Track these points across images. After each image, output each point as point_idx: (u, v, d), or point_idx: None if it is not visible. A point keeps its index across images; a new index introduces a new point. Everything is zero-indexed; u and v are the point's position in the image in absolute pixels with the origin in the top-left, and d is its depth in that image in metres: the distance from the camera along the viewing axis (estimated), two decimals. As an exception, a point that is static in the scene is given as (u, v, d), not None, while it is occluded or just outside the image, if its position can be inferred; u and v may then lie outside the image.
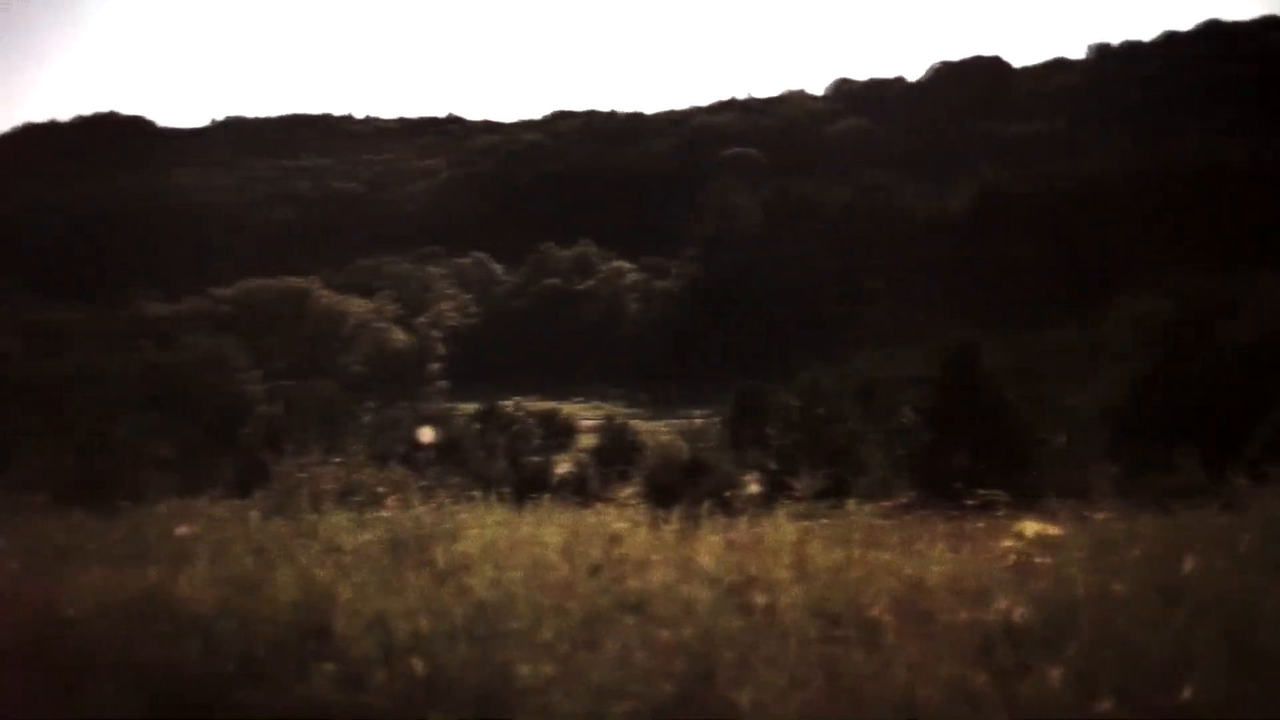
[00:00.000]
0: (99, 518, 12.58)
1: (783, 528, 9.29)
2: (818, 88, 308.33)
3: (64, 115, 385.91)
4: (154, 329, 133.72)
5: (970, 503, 11.45)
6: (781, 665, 6.32)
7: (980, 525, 11.08)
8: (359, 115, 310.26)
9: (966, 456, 52.32)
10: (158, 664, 6.98)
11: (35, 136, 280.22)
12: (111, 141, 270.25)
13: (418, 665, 6.58)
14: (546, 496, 11.80)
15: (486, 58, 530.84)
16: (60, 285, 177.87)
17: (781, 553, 8.39)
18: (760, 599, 7.35)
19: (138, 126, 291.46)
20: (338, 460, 17.92)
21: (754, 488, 53.56)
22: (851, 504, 9.92)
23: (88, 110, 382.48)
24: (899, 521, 12.49)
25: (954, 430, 57.46)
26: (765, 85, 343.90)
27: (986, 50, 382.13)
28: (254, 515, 11.96)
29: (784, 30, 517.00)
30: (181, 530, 10.12)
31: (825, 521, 9.71)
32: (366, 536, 9.93)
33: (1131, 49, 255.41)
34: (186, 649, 7.07)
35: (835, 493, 10.86)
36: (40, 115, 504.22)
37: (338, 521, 10.83)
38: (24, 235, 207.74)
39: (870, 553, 8.62)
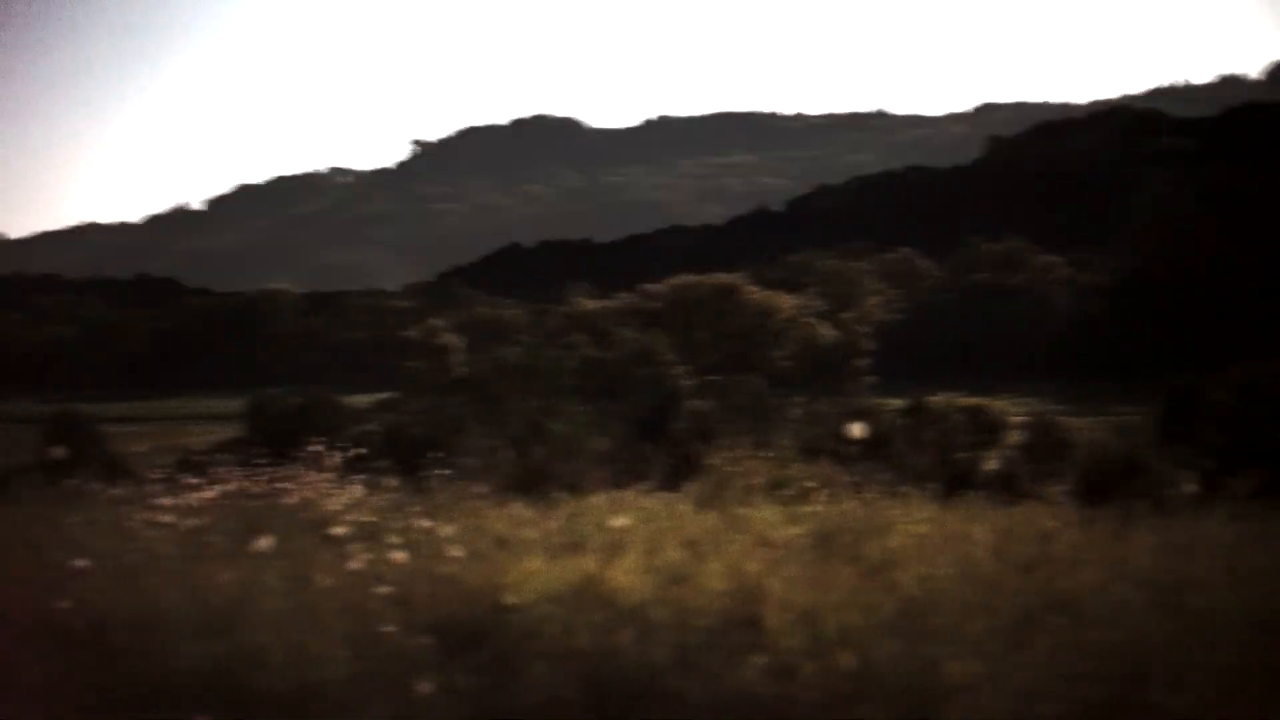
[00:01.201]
0: (537, 508, 12.96)
1: (1219, 529, 9.07)
2: (1254, 70, 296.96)
3: (501, 118, 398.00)
4: (588, 324, 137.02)
5: None
6: (1215, 671, 6.19)
7: None
8: (786, 112, 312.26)
9: None
10: (594, 651, 7.21)
11: (475, 139, 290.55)
12: (545, 142, 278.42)
13: (846, 659, 6.64)
14: (975, 493, 11.73)
15: (913, 50, 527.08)
16: (500, 282, 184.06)
17: (1217, 555, 8.19)
18: (1194, 602, 7.20)
19: (569, 127, 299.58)
20: (767, 454, 18.02)
21: (1189, 487, 51.84)
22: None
23: (525, 113, 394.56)
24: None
25: None
26: (1199, 71, 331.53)
27: None
28: (685, 507, 12.21)
29: (1220, 12, 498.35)
30: (616, 521, 10.35)
31: (1264, 523, 9.43)
32: (796, 530, 10.02)
33: None
34: (621, 637, 7.28)
35: (1275, 494, 10.52)
36: (479, 119, 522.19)
37: (767, 515, 10.94)
38: (470, 236, 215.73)
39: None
